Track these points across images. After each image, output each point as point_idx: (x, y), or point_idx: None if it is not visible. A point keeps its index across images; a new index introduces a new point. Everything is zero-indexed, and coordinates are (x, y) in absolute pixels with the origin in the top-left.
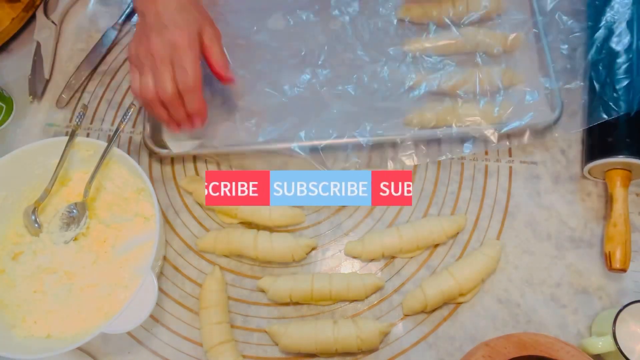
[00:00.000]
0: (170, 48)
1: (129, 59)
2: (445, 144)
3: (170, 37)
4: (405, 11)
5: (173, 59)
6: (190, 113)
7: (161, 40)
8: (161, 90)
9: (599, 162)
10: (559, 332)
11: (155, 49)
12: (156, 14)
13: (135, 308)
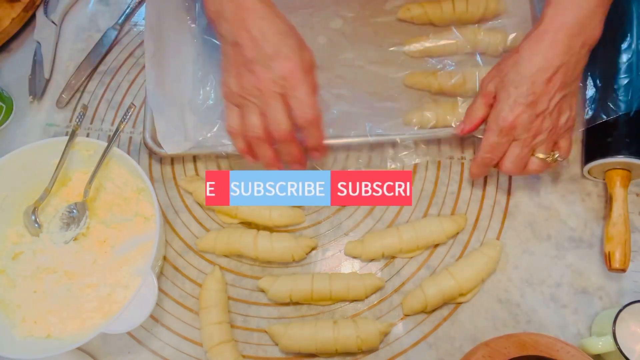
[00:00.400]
0: (281, 81)
1: (226, 96)
2: (445, 144)
3: (281, 70)
4: (405, 11)
5: (286, 93)
6: (312, 148)
7: (271, 75)
8: (275, 127)
9: (598, 162)
10: (559, 332)
11: (264, 83)
12: (254, 43)
13: (135, 308)
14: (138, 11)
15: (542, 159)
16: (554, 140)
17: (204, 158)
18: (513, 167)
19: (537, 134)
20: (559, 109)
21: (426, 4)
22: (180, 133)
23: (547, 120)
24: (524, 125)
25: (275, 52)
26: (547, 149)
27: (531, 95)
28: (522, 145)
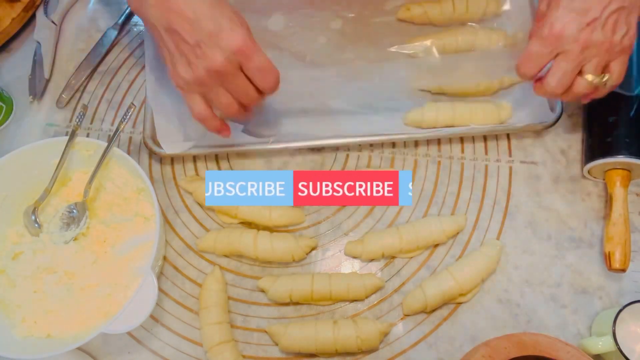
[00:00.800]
0: (234, 56)
1: (182, 88)
2: (445, 144)
3: (231, 46)
4: (405, 11)
5: (243, 65)
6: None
7: (222, 53)
8: (246, 99)
9: (598, 162)
10: (559, 332)
11: (219, 65)
12: (191, 24)
13: (135, 308)
14: None
15: (589, 82)
16: (605, 60)
17: (204, 158)
18: (556, 84)
19: (586, 46)
20: (614, 22)
21: (426, 4)
22: (180, 133)
23: (599, 31)
24: (571, 35)
25: (217, 28)
26: (597, 69)
27: (582, 1)
28: (569, 59)
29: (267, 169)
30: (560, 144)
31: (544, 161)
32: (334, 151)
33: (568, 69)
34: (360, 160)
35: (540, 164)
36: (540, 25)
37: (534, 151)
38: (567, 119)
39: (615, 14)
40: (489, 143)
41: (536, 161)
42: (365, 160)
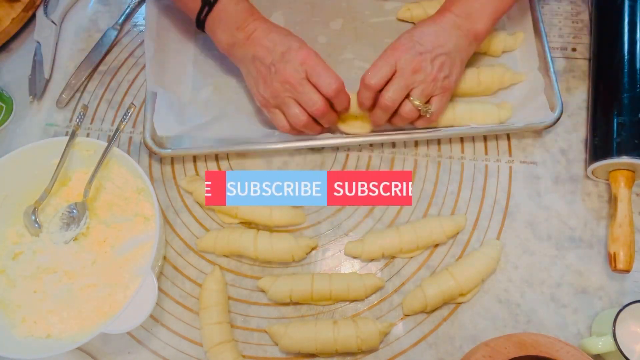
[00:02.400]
0: (301, 67)
1: (264, 105)
2: (445, 144)
3: (298, 59)
4: (405, 11)
5: (309, 75)
6: (340, 110)
7: (291, 66)
8: (312, 107)
9: (603, 163)
10: (559, 332)
11: (289, 75)
12: (268, 50)
13: (135, 308)
14: (138, 11)
15: (415, 105)
16: (428, 91)
17: (204, 158)
18: (390, 97)
19: (416, 70)
20: (440, 63)
21: (426, 4)
22: (176, 119)
23: (427, 63)
24: (408, 57)
25: (287, 48)
26: (421, 96)
27: (419, 37)
28: (402, 76)
29: (267, 168)
30: (560, 144)
31: (544, 161)
32: (334, 151)
33: (400, 85)
34: (360, 160)
35: (540, 164)
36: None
37: (534, 151)
38: (567, 119)
39: (442, 57)
40: (489, 143)
41: (536, 161)
42: (365, 160)
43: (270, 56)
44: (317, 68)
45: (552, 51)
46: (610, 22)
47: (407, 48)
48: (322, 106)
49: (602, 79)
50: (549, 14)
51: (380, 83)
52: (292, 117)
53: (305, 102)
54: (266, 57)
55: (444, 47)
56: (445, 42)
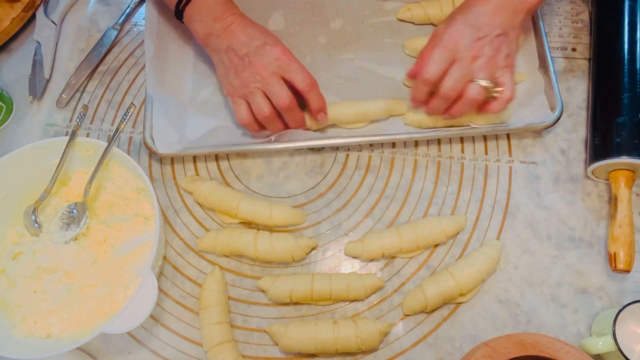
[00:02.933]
0: (276, 61)
1: (230, 93)
2: (445, 144)
3: (272, 54)
4: (405, 11)
5: (282, 70)
6: (316, 110)
7: (265, 58)
8: (279, 100)
9: (604, 163)
10: (559, 332)
11: (262, 67)
12: (244, 43)
13: (135, 308)
14: (138, 11)
15: (482, 85)
16: (492, 72)
17: (204, 158)
18: (452, 85)
19: (477, 56)
20: (499, 43)
21: (426, 4)
22: (177, 133)
23: (488, 47)
24: (466, 44)
25: (263, 42)
26: (487, 77)
27: (474, 20)
28: (462, 65)
29: (267, 169)
30: (560, 144)
31: (544, 161)
32: (334, 151)
33: (461, 73)
34: (360, 160)
35: (540, 164)
36: (440, 36)
37: (534, 151)
38: (567, 119)
39: (500, 37)
40: (489, 143)
41: (536, 161)
42: (365, 160)
43: (246, 48)
44: (292, 64)
45: (552, 51)
46: (610, 22)
47: (464, 34)
48: (289, 102)
49: (602, 79)
50: (549, 14)
51: (439, 75)
52: (256, 106)
53: (272, 94)
54: (241, 48)
55: (501, 26)
56: (501, 22)
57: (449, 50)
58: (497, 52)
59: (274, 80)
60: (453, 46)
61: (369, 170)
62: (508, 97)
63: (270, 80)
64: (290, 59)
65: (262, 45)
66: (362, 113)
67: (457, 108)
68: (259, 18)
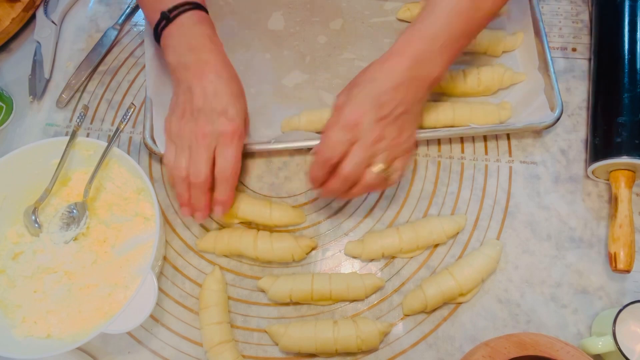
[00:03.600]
0: (218, 136)
1: (167, 133)
2: (445, 144)
3: (222, 128)
4: (405, 11)
5: (217, 146)
6: (217, 201)
7: (211, 129)
8: (195, 172)
9: (604, 163)
10: (559, 332)
11: (201, 134)
12: (205, 97)
13: (135, 308)
14: (138, 11)
15: (380, 171)
16: (393, 155)
17: None
18: (351, 169)
19: (380, 138)
20: (401, 123)
21: None
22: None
23: (390, 127)
24: (368, 124)
25: (222, 110)
26: (385, 162)
27: (376, 96)
28: (364, 148)
29: (267, 169)
30: (560, 144)
31: (544, 161)
32: None
33: (362, 157)
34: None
35: (540, 164)
36: (339, 114)
37: (534, 151)
38: (567, 119)
39: (403, 116)
40: (489, 143)
41: (536, 161)
42: None
43: (202, 102)
44: (229, 149)
45: (552, 51)
46: (610, 22)
47: (365, 112)
48: (202, 180)
49: (602, 78)
50: (549, 14)
51: (338, 158)
52: (176, 164)
53: (192, 164)
54: (198, 100)
55: (404, 102)
56: (404, 97)
57: (349, 131)
58: (400, 134)
59: (202, 153)
60: (354, 126)
61: None
62: (393, 182)
63: (201, 150)
64: (231, 142)
65: (220, 112)
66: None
67: (354, 192)
68: (259, 18)
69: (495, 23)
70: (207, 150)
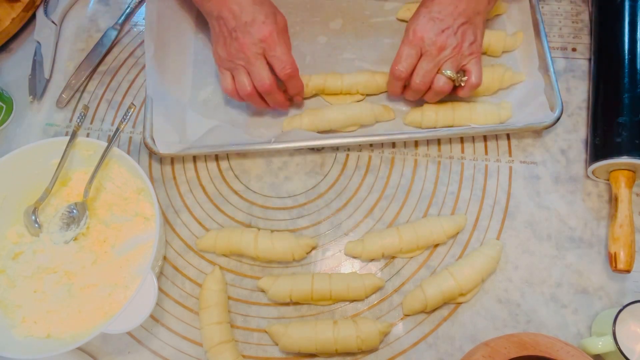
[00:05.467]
0: (260, 43)
1: (218, 63)
2: (445, 144)
3: (259, 34)
4: (405, 11)
5: (266, 53)
6: (293, 94)
7: (250, 38)
8: (259, 83)
9: (604, 163)
10: (559, 332)
11: (246, 47)
12: (233, 14)
13: (135, 308)
14: (138, 11)
15: (448, 77)
16: (458, 61)
17: (204, 158)
18: (421, 80)
19: (442, 48)
20: (462, 32)
21: None
22: (177, 134)
23: (452, 37)
24: (430, 38)
25: (252, 19)
26: (453, 68)
27: (437, 12)
28: (429, 59)
29: (267, 169)
30: (560, 144)
31: (544, 161)
32: (334, 151)
33: (429, 67)
34: (360, 160)
35: (540, 164)
36: (407, 33)
37: (534, 151)
38: (567, 119)
39: (464, 26)
40: (489, 143)
41: (536, 161)
42: (365, 160)
43: (234, 21)
44: (276, 48)
45: (552, 51)
46: (611, 22)
47: (428, 27)
48: (268, 85)
49: (602, 78)
50: (549, 14)
51: (409, 70)
52: (238, 82)
53: (253, 76)
54: (230, 21)
55: (464, 14)
56: (464, 9)
57: (415, 46)
58: (462, 42)
59: (257, 62)
60: (418, 41)
61: (369, 170)
62: (473, 84)
63: (254, 61)
64: (275, 42)
65: (251, 21)
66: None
67: (428, 97)
68: None
69: (495, 23)
70: (259, 58)
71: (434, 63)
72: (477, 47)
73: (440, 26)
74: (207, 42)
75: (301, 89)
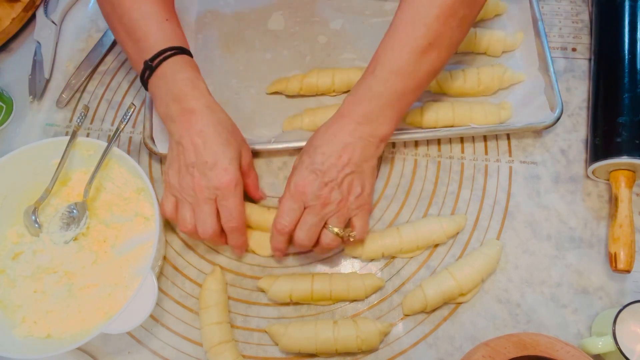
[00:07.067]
0: (215, 190)
1: (166, 185)
2: (445, 144)
3: (216, 181)
4: None
5: (217, 199)
6: (233, 246)
7: (206, 182)
8: (203, 229)
9: (604, 163)
10: (559, 332)
11: (199, 189)
12: (195, 149)
13: (135, 308)
14: None
15: (335, 233)
16: (345, 216)
17: None
18: (305, 235)
19: (326, 203)
20: (348, 184)
21: None
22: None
23: (336, 191)
24: (313, 192)
25: (214, 162)
26: (339, 223)
27: (320, 164)
28: (313, 213)
29: (267, 169)
30: (560, 144)
31: (544, 161)
32: None
33: (313, 221)
34: None
35: (540, 164)
36: (289, 184)
37: (534, 151)
38: (567, 119)
39: (349, 176)
40: (489, 143)
41: (536, 161)
42: None
43: (194, 156)
44: (229, 199)
45: (552, 51)
46: (611, 22)
47: (309, 181)
48: (211, 233)
49: (602, 78)
50: (549, 14)
51: (292, 224)
52: (180, 216)
53: (198, 218)
54: (190, 154)
55: (350, 164)
56: (349, 159)
57: (297, 200)
58: (348, 195)
59: (205, 207)
60: (300, 195)
61: None
62: (359, 239)
63: (202, 204)
64: (230, 193)
65: (212, 164)
66: None
67: (317, 251)
68: (259, 18)
69: (495, 23)
70: (208, 203)
71: (319, 217)
72: (364, 199)
73: (323, 179)
74: (207, 42)
75: (243, 244)
